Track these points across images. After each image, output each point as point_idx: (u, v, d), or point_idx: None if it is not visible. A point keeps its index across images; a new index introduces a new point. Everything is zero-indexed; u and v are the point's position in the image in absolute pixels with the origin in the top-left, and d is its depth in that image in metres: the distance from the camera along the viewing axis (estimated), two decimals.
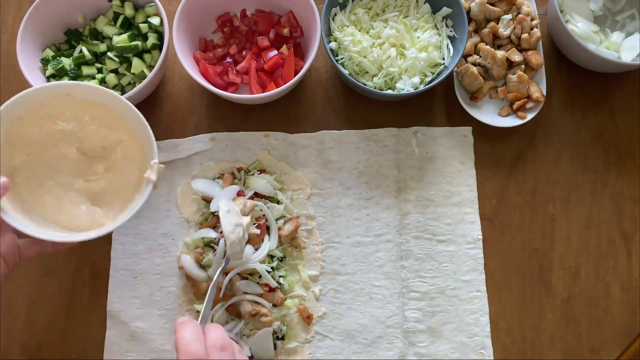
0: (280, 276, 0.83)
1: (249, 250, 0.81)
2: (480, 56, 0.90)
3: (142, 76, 0.88)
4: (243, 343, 0.80)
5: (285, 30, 0.92)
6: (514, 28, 0.90)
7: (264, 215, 0.84)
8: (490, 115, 0.90)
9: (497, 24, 0.91)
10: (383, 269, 0.85)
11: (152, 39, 0.89)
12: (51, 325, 0.85)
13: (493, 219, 0.88)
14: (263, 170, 0.89)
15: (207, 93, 0.94)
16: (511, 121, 0.89)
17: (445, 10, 0.88)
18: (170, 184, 0.89)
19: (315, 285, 0.85)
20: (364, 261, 0.86)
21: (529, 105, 0.89)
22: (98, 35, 0.92)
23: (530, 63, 0.89)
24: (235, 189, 0.85)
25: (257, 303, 0.81)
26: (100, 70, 0.90)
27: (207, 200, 0.87)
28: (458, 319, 0.83)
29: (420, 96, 0.92)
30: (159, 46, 0.89)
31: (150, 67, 0.89)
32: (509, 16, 0.91)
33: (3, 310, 0.86)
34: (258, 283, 0.81)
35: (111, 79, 0.89)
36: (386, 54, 0.85)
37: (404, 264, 0.85)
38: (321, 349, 0.83)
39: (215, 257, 0.81)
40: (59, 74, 0.87)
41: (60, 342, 0.85)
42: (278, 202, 0.86)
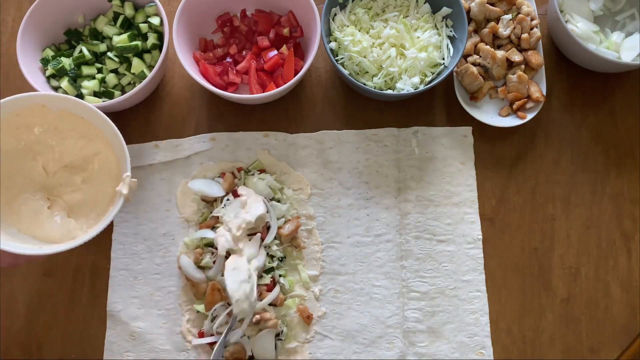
0: (280, 275, 0.83)
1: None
2: (480, 56, 0.90)
3: (142, 76, 0.88)
4: (245, 343, 0.80)
5: (285, 30, 0.92)
6: (514, 28, 0.90)
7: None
8: (490, 115, 0.90)
9: (497, 24, 0.91)
10: (383, 269, 0.85)
11: (152, 39, 0.89)
12: (51, 325, 0.85)
13: (493, 219, 0.88)
14: (263, 170, 0.89)
15: (207, 93, 0.94)
16: (511, 121, 0.89)
17: (445, 10, 0.88)
18: (170, 184, 0.89)
19: (315, 285, 0.85)
20: (364, 261, 0.86)
21: (529, 105, 0.89)
22: (98, 35, 0.92)
23: (530, 63, 0.89)
24: (255, 246, 0.82)
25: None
26: (100, 70, 0.90)
27: (207, 201, 0.87)
28: (458, 319, 0.83)
29: (420, 96, 0.92)
30: (159, 46, 0.89)
31: (150, 67, 0.89)
32: (509, 16, 0.91)
33: (3, 310, 0.86)
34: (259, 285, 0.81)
35: (111, 79, 0.89)
36: (386, 54, 0.85)
37: (404, 264, 0.85)
38: (321, 349, 0.83)
39: (222, 316, 0.80)
40: (59, 73, 0.87)
41: (60, 342, 0.85)
42: (278, 201, 0.87)
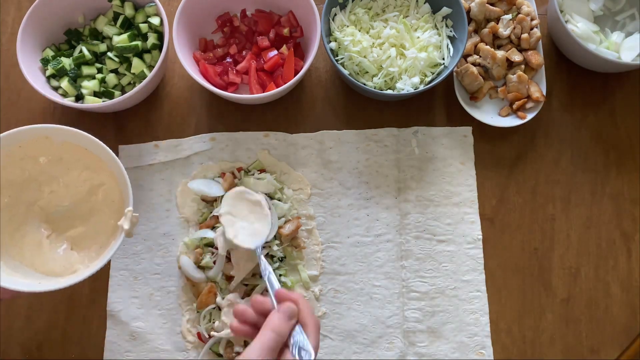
0: (280, 275, 0.83)
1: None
2: (480, 56, 0.90)
3: (142, 76, 0.88)
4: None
5: (285, 30, 0.92)
6: (514, 28, 0.90)
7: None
8: (490, 115, 0.90)
9: (497, 24, 0.91)
10: (383, 269, 0.85)
11: (152, 39, 0.89)
12: (51, 325, 0.85)
13: (493, 219, 0.88)
14: (263, 170, 0.89)
15: (207, 93, 0.94)
16: (511, 121, 0.88)
17: (445, 10, 0.88)
18: (170, 184, 0.89)
19: (315, 285, 0.85)
20: (364, 261, 0.86)
21: (529, 105, 0.89)
22: (98, 35, 0.92)
23: (530, 63, 0.89)
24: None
25: None
26: (100, 70, 0.90)
27: (207, 201, 0.87)
28: (458, 319, 0.83)
29: (420, 96, 0.92)
30: (159, 46, 0.89)
31: (150, 67, 0.89)
32: (509, 16, 0.91)
33: (3, 310, 0.86)
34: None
35: (111, 79, 0.89)
36: (386, 54, 0.85)
37: (404, 264, 0.85)
38: (321, 349, 0.83)
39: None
40: (59, 73, 0.87)
41: (60, 342, 0.85)
42: (279, 200, 0.87)
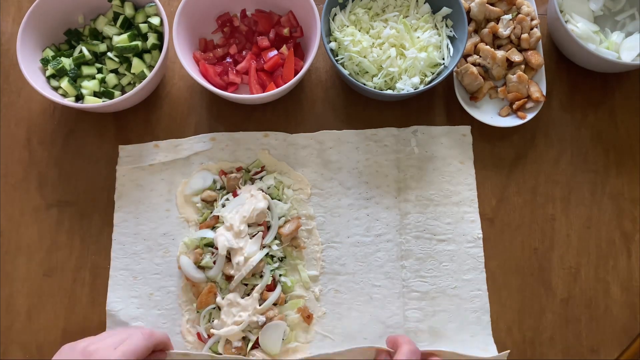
0: (280, 275, 0.83)
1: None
2: (480, 56, 0.90)
3: (142, 76, 0.88)
4: (251, 334, 0.81)
5: (285, 30, 0.92)
6: (514, 28, 0.90)
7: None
8: (490, 115, 0.90)
9: (497, 24, 0.91)
10: (383, 268, 0.85)
11: (152, 39, 0.89)
12: (51, 325, 0.85)
13: (493, 219, 0.88)
14: (263, 168, 0.89)
15: (207, 93, 0.94)
16: (511, 121, 0.89)
17: (445, 10, 0.88)
18: (170, 184, 0.89)
19: (315, 285, 0.85)
20: (364, 261, 0.85)
21: (529, 105, 0.89)
22: (98, 35, 0.92)
23: (530, 63, 0.89)
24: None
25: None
26: (100, 70, 0.90)
27: (207, 201, 0.87)
28: (459, 318, 0.83)
29: (420, 96, 0.92)
30: (159, 46, 0.89)
31: (150, 67, 0.89)
32: (509, 16, 0.91)
33: (3, 310, 0.86)
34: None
35: (111, 79, 0.89)
36: (386, 54, 0.85)
37: (404, 264, 0.85)
38: (321, 349, 0.82)
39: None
40: (59, 74, 0.87)
41: (60, 342, 0.84)
42: (279, 200, 0.87)
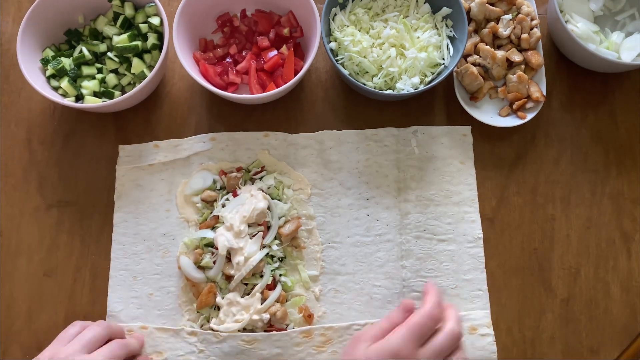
0: (280, 275, 0.83)
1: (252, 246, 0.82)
2: (480, 56, 0.90)
3: (142, 76, 0.88)
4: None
5: (285, 30, 0.92)
6: (514, 28, 0.90)
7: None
8: (490, 115, 0.90)
9: (497, 24, 0.91)
10: (383, 268, 0.85)
11: (152, 39, 0.89)
12: (51, 325, 0.85)
13: (493, 219, 0.88)
14: (263, 168, 0.89)
15: (207, 93, 0.94)
16: (511, 121, 0.89)
17: (445, 10, 0.88)
18: (170, 184, 0.89)
19: (315, 285, 0.85)
20: (364, 261, 0.85)
21: (529, 105, 0.89)
22: (98, 35, 0.92)
23: (530, 63, 0.89)
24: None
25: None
26: (100, 70, 0.90)
27: (207, 201, 0.87)
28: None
29: (420, 96, 0.92)
30: (159, 46, 0.90)
31: (150, 67, 0.89)
32: (509, 16, 0.91)
33: (3, 310, 0.86)
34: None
35: (111, 79, 0.89)
36: (386, 54, 0.85)
37: (405, 264, 0.85)
38: None
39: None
40: (59, 74, 0.87)
41: None
42: (279, 200, 0.87)
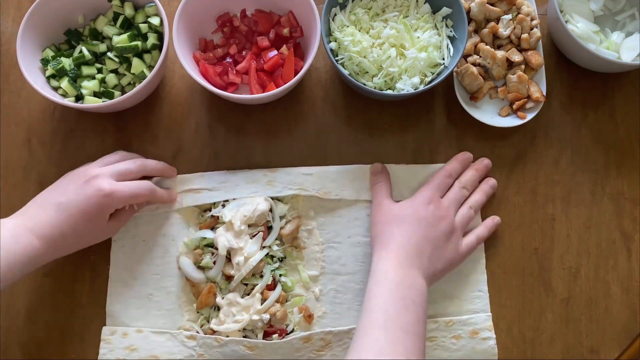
0: (280, 275, 0.83)
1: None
2: (480, 56, 0.90)
3: (142, 76, 0.88)
4: (252, 335, 0.81)
5: (285, 30, 0.92)
6: (514, 28, 0.90)
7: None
8: (490, 115, 0.90)
9: (497, 24, 0.91)
10: None
11: (152, 39, 0.89)
12: (51, 325, 0.85)
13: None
14: None
15: (207, 93, 0.94)
16: (511, 121, 0.88)
17: (445, 10, 0.88)
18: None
19: (315, 285, 0.85)
20: (365, 261, 0.85)
21: (529, 105, 0.89)
22: (98, 35, 0.92)
23: (530, 63, 0.89)
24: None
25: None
26: (100, 70, 0.90)
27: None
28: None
29: (420, 96, 0.92)
30: (159, 46, 0.89)
31: (150, 67, 0.89)
32: (509, 16, 0.91)
33: (3, 310, 0.86)
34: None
35: (111, 79, 0.89)
36: (386, 54, 0.85)
37: None
38: None
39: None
40: (59, 74, 0.87)
41: (60, 342, 0.85)
42: (279, 200, 0.87)
